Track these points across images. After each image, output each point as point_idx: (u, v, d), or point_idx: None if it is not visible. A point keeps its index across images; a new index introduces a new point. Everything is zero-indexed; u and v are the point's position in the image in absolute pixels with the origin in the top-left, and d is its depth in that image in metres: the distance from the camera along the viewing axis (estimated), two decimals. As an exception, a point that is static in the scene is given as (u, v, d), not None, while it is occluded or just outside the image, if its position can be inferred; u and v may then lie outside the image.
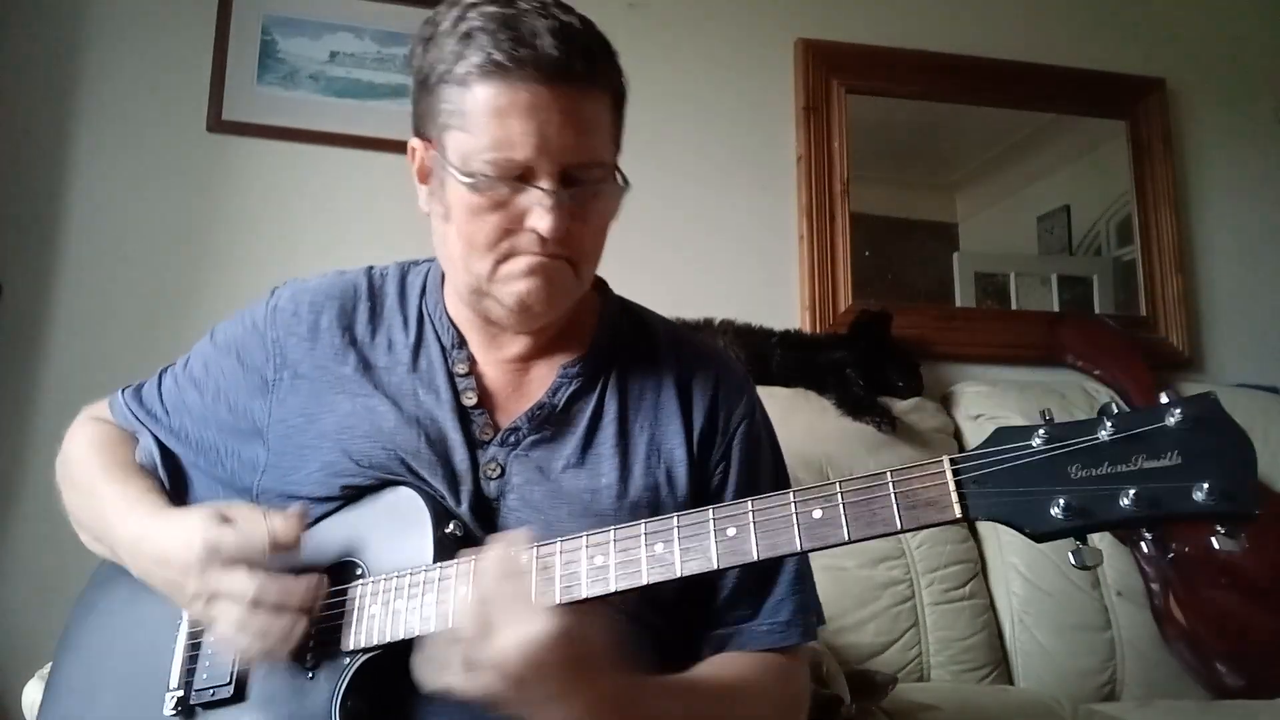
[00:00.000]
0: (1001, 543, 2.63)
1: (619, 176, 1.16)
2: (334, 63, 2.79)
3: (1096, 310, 3.19)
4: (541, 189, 1.08)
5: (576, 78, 1.07)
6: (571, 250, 1.14)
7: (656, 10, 2.97)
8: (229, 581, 1.06)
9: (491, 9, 1.08)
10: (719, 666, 1.19)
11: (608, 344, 1.29)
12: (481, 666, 0.93)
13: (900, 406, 2.70)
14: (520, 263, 1.13)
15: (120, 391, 1.38)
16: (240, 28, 2.74)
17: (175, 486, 1.30)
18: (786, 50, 3.09)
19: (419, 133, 1.18)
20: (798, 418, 2.55)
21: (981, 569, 2.61)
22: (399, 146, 2.64)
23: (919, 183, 3.27)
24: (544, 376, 1.25)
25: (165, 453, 1.31)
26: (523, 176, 1.08)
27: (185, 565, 1.09)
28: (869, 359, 2.72)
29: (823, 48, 3.08)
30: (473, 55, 1.06)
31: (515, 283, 1.13)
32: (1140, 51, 3.30)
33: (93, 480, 1.28)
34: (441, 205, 1.16)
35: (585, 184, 1.11)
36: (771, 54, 3.08)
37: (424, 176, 1.20)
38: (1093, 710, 2.16)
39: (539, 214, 1.08)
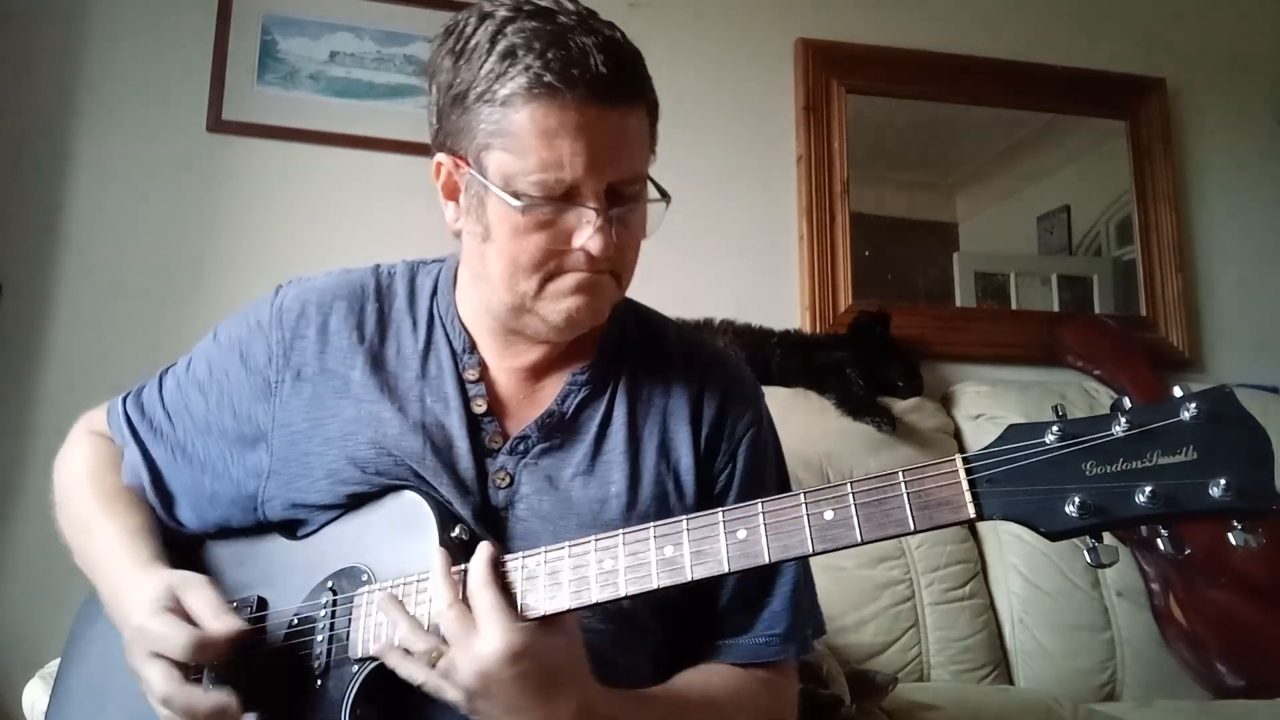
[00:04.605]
0: (1001, 543, 2.63)
1: (656, 188, 1.16)
2: (334, 63, 2.79)
3: (1096, 310, 3.20)
4: (592, 208, 1.07)
5: (624, 96, 1.07)
6: (615, 264, 1.13)
7: (656, 10, 2.97)
8: (146, 673, 1.05)
9: (533, 24, 1.05)
10: (703, 677, 1.18)
11: (617, 349, 1.27)
12: (448, 675, 0.97)
13: (900, 406, 2.70)
14: (568, 280, 1.11)
15: (121, 400, 1.35)
16: (240, 28, 2.73)
17: (165, 506, 1.28)
18: (786, 50, 3.09)
19: (447, 148, 1.14)
20: (798, 418, 2.55)
21: (981, 569, 2.62)
22: (399, 146, 2.70)
23: (919, 183, 3.27)
24: (554, 383, 1.24)
25: (154, 471, 1.28)
26: (568, 195, 1.06)
27: (127, 638, 1.09)
28: (869, 359, 2.72)
29: (823, 48, 3.08)
30: (518, 75, 1.03)
31: (563, 300, 1.12)
32: (1140, 51, 3.31)
33: (84, 516, 1.26)
34: (479, 225, 1.13)
35: (628, 199, 1.10)
36: (771, 54, 3.08)
37: (452, 193, 1.17)
38: (1093, 710, 2.16)
39: (588, 234, 1.07)
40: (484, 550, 1.01)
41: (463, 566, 1.03)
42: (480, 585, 0.99)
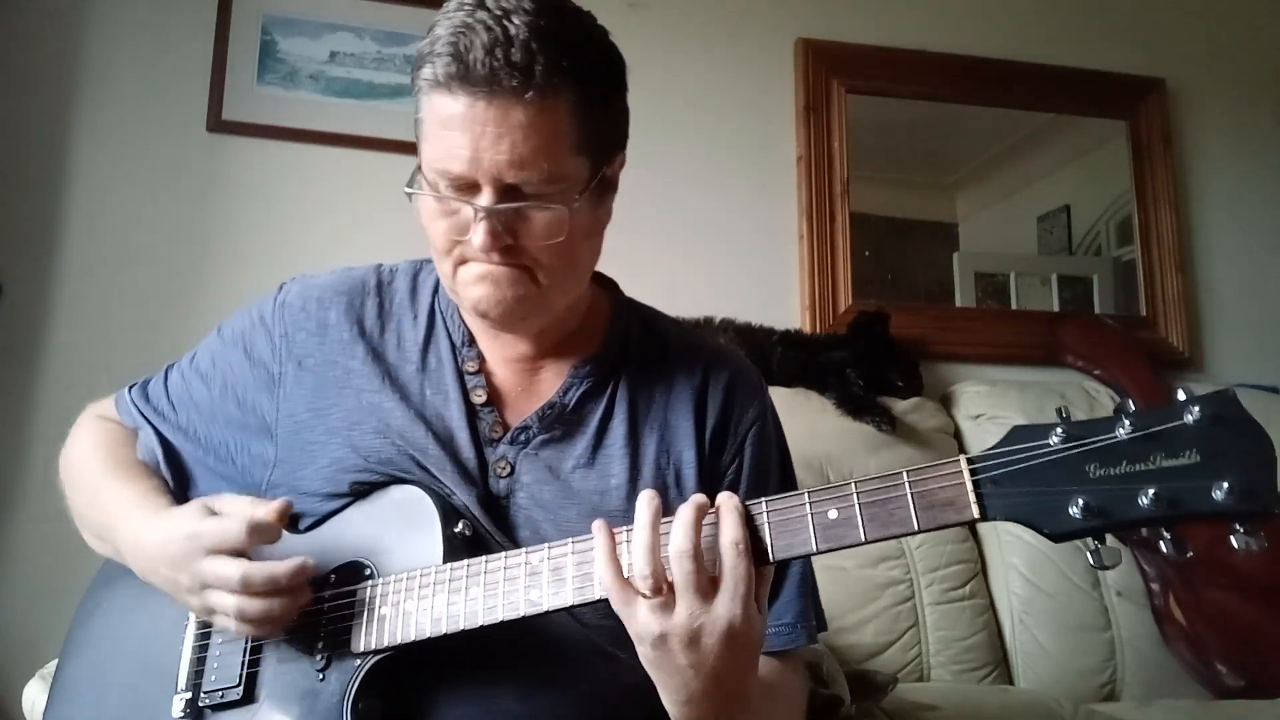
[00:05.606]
0: (1001, 543, 2.63)
1: (572, 193, 1.10)
2: (334, 63, 2.78)
3: (1096, 310, 3.20)
4: (470, 204, 1.07)
5: (510, 91, 1.02)
6: (525, 259, 1.11)
7: (656, 10, 2.97)
8: (214, 568, 1.07)
9: (457, 14, 1.04)
10: None
11: (619, 346, 1.28)
12: (656, 612, 0.94)
13: (900, 406, 2.70)
14: (472, 269, 1.12)
15: (127, 389, 1.38)
16: (240, 28, 2.73)
17: (179, 483, 1.30)
18: (786, 50, 3.09)
19: None
20: (798, 418, 2.54)
21: (981, 569, 2.62)
22: (399, 146, 2.71)
23: (919, 183, 3.27)
24: (554, 376, 1.25)
25: (168, 449, 1.31)
26: (467, 188, 1.07)
27: (173, 559, 1.11)
28: (869, 359, 2.72)
29: (823, 48, 3.08)
30: (427, 64, 1.05)
31: (469, 288, 1.13)
32: (1140, 51, 3.31)
33: (96, 481, 1.28)
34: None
35: (526, 198, 1.07)
36: (771, 54, 3.08)
37: None
38: (1093, 710, 2.16)
39: (473, 227, 1.07)
40: (735, 509, 0.96)
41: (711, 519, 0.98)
42: (739, 550, 0.94)
